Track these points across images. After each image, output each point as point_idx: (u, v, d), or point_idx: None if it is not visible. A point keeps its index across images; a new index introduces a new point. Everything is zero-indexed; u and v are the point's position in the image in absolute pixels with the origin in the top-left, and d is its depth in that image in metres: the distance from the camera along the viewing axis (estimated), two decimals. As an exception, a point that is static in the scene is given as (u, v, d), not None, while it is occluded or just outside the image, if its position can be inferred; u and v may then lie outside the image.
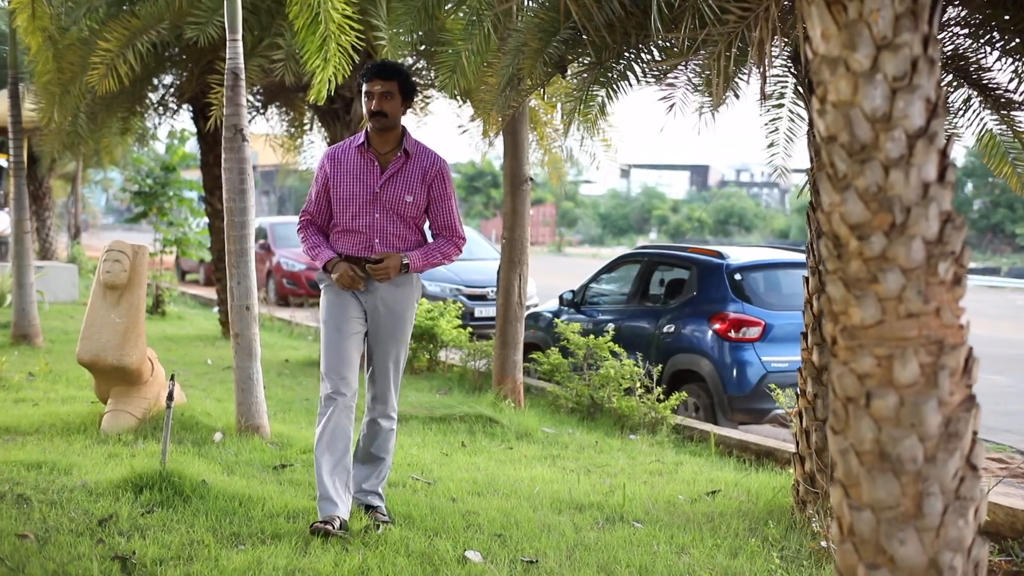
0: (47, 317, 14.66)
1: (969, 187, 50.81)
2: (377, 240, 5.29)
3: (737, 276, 9.49)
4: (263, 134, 15.10)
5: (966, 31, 5.73)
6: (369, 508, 5.43)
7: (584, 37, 4.89)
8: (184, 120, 35.54)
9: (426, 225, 5.50)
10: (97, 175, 34.25)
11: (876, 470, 2.79)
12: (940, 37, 5.87)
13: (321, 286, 5.42)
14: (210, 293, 22.17)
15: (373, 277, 5.25)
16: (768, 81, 6.06)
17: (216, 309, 17.43)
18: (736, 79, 5.84)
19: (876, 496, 2.78)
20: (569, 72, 5.94)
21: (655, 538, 5.26)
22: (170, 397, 5.86)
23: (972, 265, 43.88)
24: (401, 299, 5.36)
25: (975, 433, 2.82)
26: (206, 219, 16.24)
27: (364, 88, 5.24)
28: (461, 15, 6.08)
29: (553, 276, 26.45)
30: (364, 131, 5.36)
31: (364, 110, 5.23)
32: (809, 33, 2.89)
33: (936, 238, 2.76)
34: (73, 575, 4.31)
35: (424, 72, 12.14)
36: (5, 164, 21.93)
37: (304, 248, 5.48)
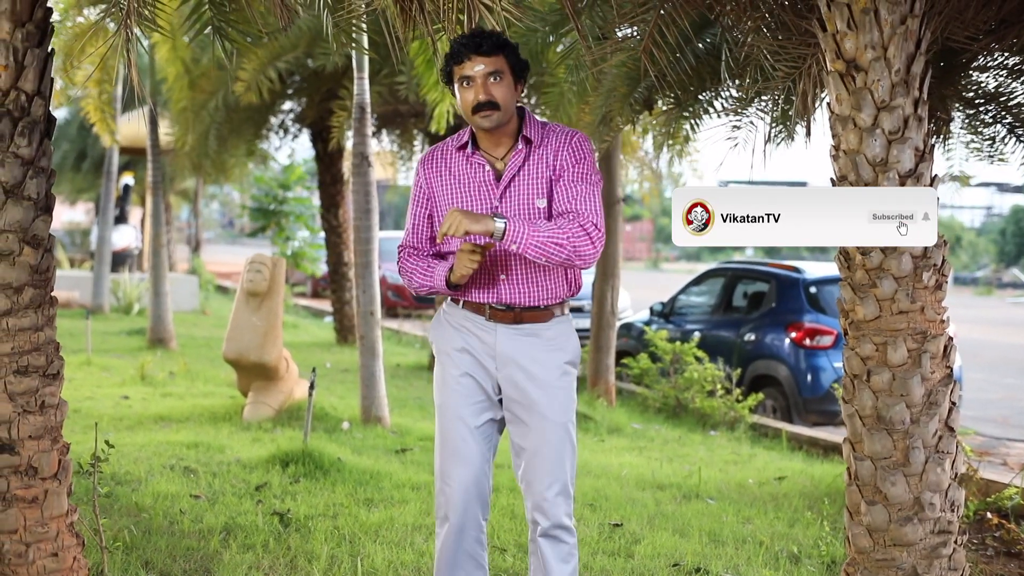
0: (174, 324, 15.86)
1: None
2: (503, 276, 3.66)
3: (812, 289, 10.30)
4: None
5: (1005, 71, 6.50)
6: None
7: (666, 80, 5.73)
8: (303, 143, 36.90)
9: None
10: (211, 191, 35.75)
11: (874, 429, 3.65)
12: (984, 78, 6.68)
13: (434, 350, 3.80)
14: (319, 304, 23.35)
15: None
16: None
17: (328, 318, 18.48)
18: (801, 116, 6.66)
19: (874, 449, 3.65)
20: (656, 107, 6.80)
21: (724, 511, 6.12)
22: (312, 387, 6.83)
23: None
24: (541, 357, 3.67)
25: (952, 403, 3.66)
26: (321, 234, 17.36)
27: (456, 73, 3.58)
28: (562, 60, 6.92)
29: (648, 290, 27.11)
30: (469, 128, 3.74)
31: (460, 104, 3.65)
32: (827, 97, 3.77)
33: (921, 253, 3.62)
34: (242, 525, 5.30)
35: (526, 100, 13.01)
36: (132, 183, 23.35)
37: (416, 281, 3.73)
